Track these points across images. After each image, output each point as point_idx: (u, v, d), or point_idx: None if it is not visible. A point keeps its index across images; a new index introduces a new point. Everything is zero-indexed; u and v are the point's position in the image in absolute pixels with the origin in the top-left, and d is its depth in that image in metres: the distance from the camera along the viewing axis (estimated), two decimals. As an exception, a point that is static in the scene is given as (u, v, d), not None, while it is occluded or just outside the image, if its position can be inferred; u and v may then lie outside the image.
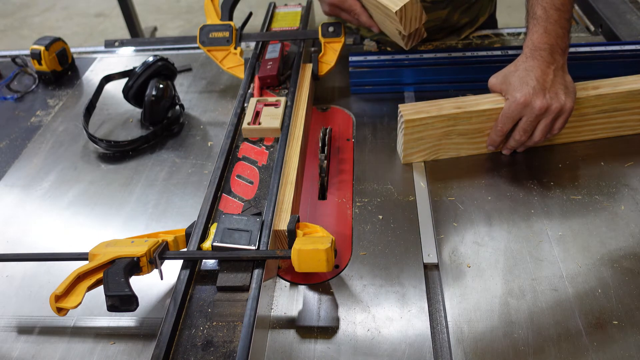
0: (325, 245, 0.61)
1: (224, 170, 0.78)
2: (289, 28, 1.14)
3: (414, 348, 0.60)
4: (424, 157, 0.86)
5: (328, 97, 1.05)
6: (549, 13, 0.78)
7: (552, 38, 0.78)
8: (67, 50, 1.19)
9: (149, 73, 0.97)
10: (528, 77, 0.77)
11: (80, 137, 0.99)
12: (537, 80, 0.76)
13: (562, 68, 0.78)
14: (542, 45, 0.78)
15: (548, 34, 0.78)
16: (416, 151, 0.84)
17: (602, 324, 0.61)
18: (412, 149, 0.84)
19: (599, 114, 0.84)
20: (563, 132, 0.82)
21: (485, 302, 0.64)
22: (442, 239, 0.73)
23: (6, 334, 0.66)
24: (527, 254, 0.70)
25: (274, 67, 0.94)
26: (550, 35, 0.78)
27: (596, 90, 0.82)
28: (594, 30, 1.21)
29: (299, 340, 0.62)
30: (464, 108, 0.80)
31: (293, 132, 0.84)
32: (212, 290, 0.62)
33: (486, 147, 0.86)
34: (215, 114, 1.03)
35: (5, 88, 1.16)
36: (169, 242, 0.66)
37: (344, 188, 0.83)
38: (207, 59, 1.17)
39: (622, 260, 0.68)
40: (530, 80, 0.76)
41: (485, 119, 0.81)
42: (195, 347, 0.55)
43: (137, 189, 0.86)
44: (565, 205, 0.76)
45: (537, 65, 0.77)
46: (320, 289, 0.68)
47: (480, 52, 1.02)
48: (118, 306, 0.57)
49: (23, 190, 0.88)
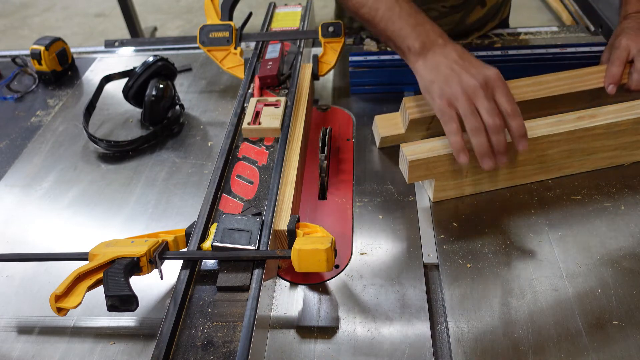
0: (325, 245, 0.61)
1: (224, 170, 0.77)
2: (289, 28, 1.14)
3: (414, 348, 0.60)
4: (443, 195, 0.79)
5: (328, 97, 1.05)
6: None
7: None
8: (67, 50, 1.19)
9: (149, 73, 0.97)
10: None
11: (80, 137, 0.99)
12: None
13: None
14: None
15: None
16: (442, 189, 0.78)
17: (602, 324, 0.61)
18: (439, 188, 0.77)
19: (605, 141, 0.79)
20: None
21: (485, 302, 0.64)
22: (442, 239, 0.73)
23: (6, 334, 0.66)
24: (527, 254, 0.70)
25: (274, 67, 0.94)
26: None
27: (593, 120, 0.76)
28: (594, 30, 1.21)
29: (299, 340, 0.62)
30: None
31: (293, 132, 0.84)
32: (212, 290, 0.62)
33: (605, 87, 0.82)
34: (215, 114, 1.03)
35: (5, 88, 1.16)
36: (169, 242, 0.66)
37: (344, 188, 0.83)
38: (207, 59, 1.17)
39: (622, 260, 0.68)
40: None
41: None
42: (195, 347, 0.55)
43: (137, 189, 0.86)
44: (565, 205, 0.76)
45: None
46: (320, 289, 0.68)
47: (480, 52, 1.02)
48: (118, 306, 0.57)
49: (23, 190, 0.88)
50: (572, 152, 0.78)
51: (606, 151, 0.79)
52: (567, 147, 0.77)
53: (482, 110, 0.67)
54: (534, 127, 0.75)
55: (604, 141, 0.78)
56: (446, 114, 0.68)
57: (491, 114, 0.66)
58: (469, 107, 0.67)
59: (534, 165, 0.78)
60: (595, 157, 0.80)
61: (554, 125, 0.76)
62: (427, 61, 0.71)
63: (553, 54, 1.00)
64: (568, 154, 0.78)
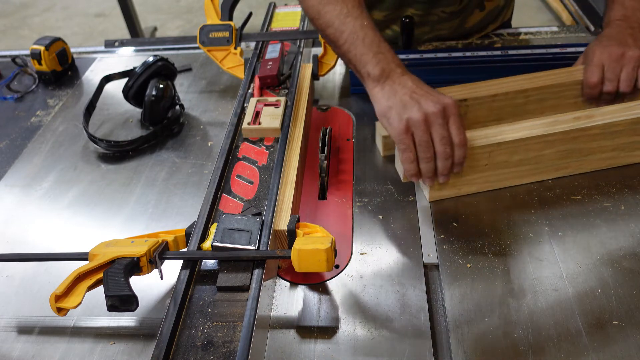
0: (325, 245, 0.61)
1: (224, 170, 0.77)
2: (289, 28, 1.14)
3: (414, 348, 0.60)
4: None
5: (328, 97, 1.05)
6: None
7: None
8: (67, 50, 1.19)
9: (149, 73, 0.97)
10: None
11: (80, 137, 0.99)
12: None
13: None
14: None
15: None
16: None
17: (602, 324, 0.61)
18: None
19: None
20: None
21: (485, 302, 0.64)
22: (442, 239, 0.73)
23: (6, 334, 0.66)
24: (527, 254, 0.70)
25: (274, 67, 0.94)
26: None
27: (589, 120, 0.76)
28: (594, 31, 1.21)
29: (299, 340, 0.62)
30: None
31: (293, 132, 0.84)
32: (212, 290, 0.62)
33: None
34: (215, 114, 1.03)
35: (5, 88, 1.16)
36: (169, 242, 0.66)
37: (344, 188, 0.82)
38: (207, 59, 1.17)
39: (622, 260, 0.68)
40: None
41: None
42: (195, 347, 0.55)
43: (137, 189, 0.86)
44: (565, 205, 0.76)
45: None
46: (320, 289, 0.68)
47: (480, 52, 1.02)
48: (118, 306, 0.57)
49: (23, 190, 0.88)
50: (569, 152, 0.78)
51: (604, 152, 0.79)
52: (564, 148, 0.77)
53: (436, 137, 0.70)
54: (530, 127, 0.75)
55: (601, 142, 0.78)
56: (403, 142, 0.71)
57: (443, 143, 0.70)
58: (424, 135, 0.70)
59: (530, 166, 0.78)
60: (592, 158, 0.79)
61: (549, 125, 0.76)
62: (385, 88, 0.73)
63: (553, 54, 1.00)
64: (565, 155, 0.78)
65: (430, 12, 1.11)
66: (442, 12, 1.11)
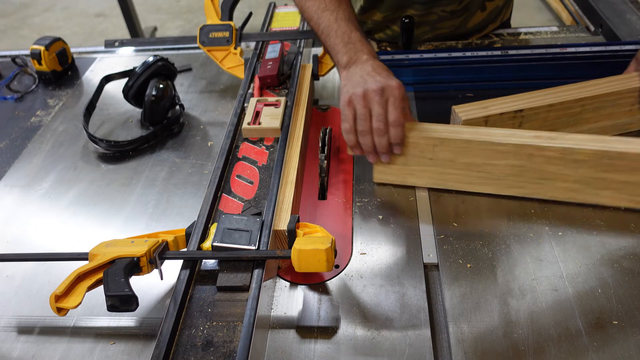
0: (325, 245, 0.61)
1: (224, 170, 0.77)
2: (289, 28, 1.14)
3: (414, 348, 0.60)
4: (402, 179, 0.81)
5: (328, 97, 1.05)
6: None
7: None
8: (67, 50, 1.19)
9: (149, 73, 0.97)
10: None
11: (80, 137, 0.99)
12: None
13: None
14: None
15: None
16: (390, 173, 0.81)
17: (602, 324, 0.61)
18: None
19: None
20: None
21: (485, 302, 0.64)
22: (442, 239, 0.73)
23: (6, 334, 0.66)
24: (527, 254, 0.70)
25: (274, 67, 0.94)
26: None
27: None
28: (594, 30, 1.21)
29: (299, 340, 0.62)
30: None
31: (293, 132, 0.84)
32: (212, 290, 0.62)
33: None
34: (215, 114, 1.03)
35: (5, 88, 1.16)
36: (169, 242, 0.66)
37: (344, 188, 0.83)
38: (207, 59, 1.17)
39: (622, 260, 0.68)
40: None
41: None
42: (195, 347, 0.55)
43: (137, 189, 0.86)
44: (565, 205, 0.76)
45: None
46: (320, 289, 0.68)
47: (480, 52, 1.02)
48: (118, 306, 0.57)
49: (23, 190, 0.88)
50: (522, 170, 0.74)
51: (565, 181, 0.74)
52: (517, 163, 0.73)
53: (373, 113, 0.75)
54: (476, 133, 0.74)
55: (561, 168, 0.73)
56: (344, 114, 0.77)
57: (378, 119, 0.74)
58: (363, 110, 0.75)
59: (480, 174, 0.76)
60: (552, 185, 0.75)
61: (504, 136, 0.73)
62: (349, 72, 0.80)
63: (553, 54, 1.00)
64: (519, 172, 0.74)
65: (431, 11, 1.11)
66: (442, 12, 1.11)
